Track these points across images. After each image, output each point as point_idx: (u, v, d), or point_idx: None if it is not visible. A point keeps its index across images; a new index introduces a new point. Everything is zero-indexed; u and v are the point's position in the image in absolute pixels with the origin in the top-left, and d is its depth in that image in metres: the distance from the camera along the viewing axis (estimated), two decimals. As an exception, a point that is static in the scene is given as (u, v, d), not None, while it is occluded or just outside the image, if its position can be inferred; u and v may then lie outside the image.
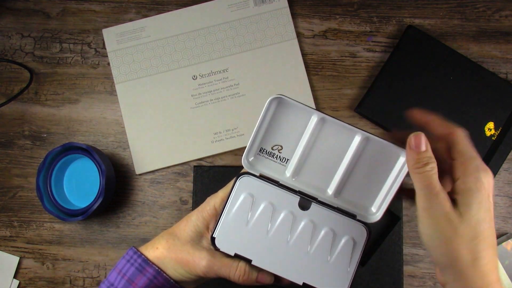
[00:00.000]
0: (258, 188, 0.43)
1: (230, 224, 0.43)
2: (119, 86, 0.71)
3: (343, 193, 0.44)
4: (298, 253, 0.43)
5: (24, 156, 0.71)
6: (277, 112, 0.42)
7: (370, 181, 0.44)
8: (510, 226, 0.68)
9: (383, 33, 0.72)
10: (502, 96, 0.68)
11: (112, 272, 0.46)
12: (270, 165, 0.44)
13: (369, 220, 0.44)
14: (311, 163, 0.44)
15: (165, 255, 0.45)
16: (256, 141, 0.43)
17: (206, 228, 0.45)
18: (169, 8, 0.73)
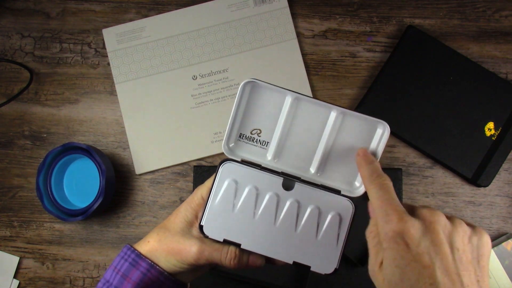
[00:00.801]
0: (241, 173, 0.44)
1: (217, 211, 0.43)
2: (119, 86, 0.71)
3: (326, 170, 0.45)
4: (286, 233, 0.43)
5: (24, 156, 0.71)
6: (252, 96, 0.43)
7: (351, 155, 0.44)
8: (510, 226, 0.68)
9: (383, 33, 0.72)
10: (502, 96, 0.68)
11: (108, 269, 0.46)
12: (251, 150, 0.45)
13: (353, 194, 0.44)
14: (291, 143, 0.44)
15: (156, 248, 0.45)
16: (235, 127, 0.44)
17: (195, 218, 0.45)
18: (169, 8, 0.73)
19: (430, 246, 0.33)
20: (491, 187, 0.68)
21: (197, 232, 0.45)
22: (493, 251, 0.64)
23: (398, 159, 0.69)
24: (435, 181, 0.69)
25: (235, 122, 0.44)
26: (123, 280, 0.45)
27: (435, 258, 0.33)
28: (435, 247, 0.33)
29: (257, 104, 0.43)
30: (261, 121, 0.44)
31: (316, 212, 0.43)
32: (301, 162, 0.45)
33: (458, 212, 0.68)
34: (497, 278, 0.64)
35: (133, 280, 0.44)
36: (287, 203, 0.43)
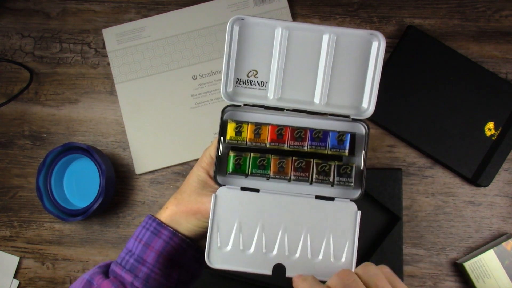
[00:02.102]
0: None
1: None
2: (119, 86, 0.71)
3: (330, 98, 0.43)
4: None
5: (24, 156, 0.71)
6: (242, 36, 0.42)
7: (352, 78, 0.43)
8: (510, 226, 0.68)
9: (383, 33, 0.71)
10: (502, 96, 0.68)
11: (130, 239, 0.47)
12: (251, 93, 0.43)
13: (364, 117, 0.43)
14: (290, 77, 0.43)
15: (175, 212, 0.46)
16: (230, 73, 0.42)
17: (208, 175, 0.45)
18: (169, 8, 0.73)
19: None
20: (491, 187, 0.68)
21: (212, 189, 0.45)
22: (493, 251, 0.64)
23: (398, 159, 0.69)
24: (435, 181, 0.69)
25: (230, 67, 0.42)
26: (145, 249, 0.45)
27: None
28: None
29: (248, 44, 0.42)
30: (255, 61, 0.43)
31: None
32: (304, 95, 0.43)
33: (458, 212, 0.68)
34: (497, 278, 0.64)
35: (156, 249, 0.45)
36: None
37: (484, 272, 0.64)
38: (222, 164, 0.43)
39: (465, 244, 0.68)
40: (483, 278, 0.64)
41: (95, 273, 0.45)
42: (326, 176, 0.42)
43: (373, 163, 0.69)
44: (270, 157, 0.42)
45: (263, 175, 0.42)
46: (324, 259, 0.41)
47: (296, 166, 0.42)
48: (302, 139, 0.42)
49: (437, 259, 0.68)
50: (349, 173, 0.42)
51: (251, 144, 0.42)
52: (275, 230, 0.41)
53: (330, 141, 0.42)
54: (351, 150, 0.43)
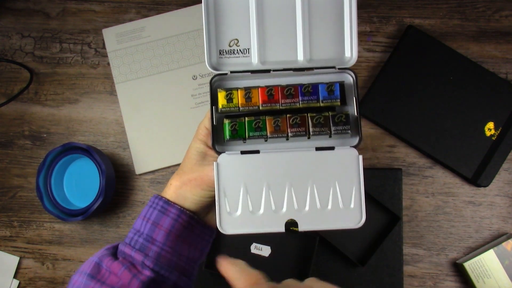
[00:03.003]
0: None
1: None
2: (119, 86, 0.71)
3: (313, 54, 0.44)
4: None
5: (24, 156, 0.71)
6: (218, 6, 0.43)
7: (330, 28, 0.44)
8: (510, 226, 0.68)
9: (383, 33, 0.72)
10: (502, 96, 0.68)
11: (137, 220, 0.46)
12: (236, 62, 0.44)
13: (349, 65, 0.44)
14: (271, 40, 0.44)
15: (180, 186, 0.46)
16: (212, 44, 0.43)
17: (206, 146, 0.46)
18: (169, 8, 0.73)
19: None
20: (491, 187, 0.68)
21: (212, 159, 0.45)
22: (493, 251, 0.64)
23: (398, 159, 0.69)
24: (435, 181, 0.69)
25: (210, 39, 0.43)
26: (154, 228, 0.45)
27: None
28: None
29: (225, 14, 0.43)
30: (234, 30, 0.43)
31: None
32: (287, 55, 0.44)
33: (458, 212, 0.68)
34: (497, 278, 0.64)
35: (165, 227, 0.44)
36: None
37: (484, 272, 0.64)
38: (219, 133, 0.43)
39: (465, 244, 0.68)
40: (483, 278, 0.64)
41: (104, 255, 0.45)
42: (323, 127, 0.43)
43: (373, 163, 0.69)
44: (265, 118, 0.43)
45: (261, 137, 0.43)
46: (334, 208, 0.42)
47: (292, 122, 0.43)
48: (293, 95, 0.43)
49: (437, 259, 0.68)
50: (344, 121, 0.43)
51: (244, 109, 0.43)
52: (281, 187, 0.42)
53: (321, 93, 0.43)
54: (342, 100, 0.43)
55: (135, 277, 0.43)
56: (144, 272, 0.43)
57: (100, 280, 0.43)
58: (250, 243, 0.66)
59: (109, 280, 0.43)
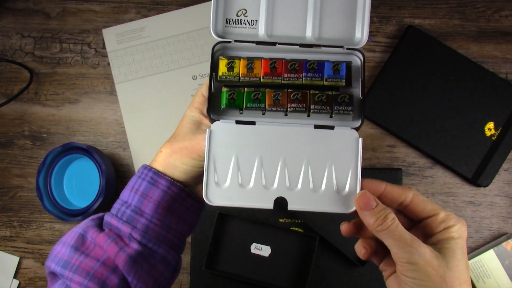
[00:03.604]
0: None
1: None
2: (119, 86, 0.71)
3: (322, 31, 0.42)
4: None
5: (24, 156, 0.71)
6: None
7: (342, 7, 0.42)
8: (510, 226, 0.68)
9: (383, 33, 0.72)
10: (502, 96, 0.68)
11: (124, 191, 0.44)
12: (241, 32, 0.42)
13: (358, 46, 0.42)
14: (280, 13, 0.42)
15: (170, 154, 0.44)
16: (219, 11, 0.42)
17: (202, 115, 0.44)
18: (169, 8, 0.73)
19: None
20: (491, 187, 0.68)
21: (206, 127, 0.42)
22: (493, 251, 0.64)
23: (398, 159, 0.69)
24: (435, 181, 0.69)
25: (218, 6, 0.42)
26: (143, 199, 0.43)
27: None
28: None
29: None
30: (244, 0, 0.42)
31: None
32: (296, 29, 0.42)
33: (458, 212, 0.68)
34: (497, 278, 0.64)
35: (154, 199, 0.43)
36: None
37: (484, 272, 0.64)
38: (215, 101, 0.42)
39: (465, 244, 0.68)
40: (483, 278, 0.64)
41: (89, 226, 0.43)
42: (324, 105, 0.41)
43: (373, 163, 0.69)
44: (265, 90, 0.41)
45: (259, 109, 0.41)
46: (327, 189, 0.40)
47: (292, 98, 0.41)
48: (297, 71, 0.41)
49: (437, 259, 0.68)
50: (347, 101, 0.41)
51: (244, 79, 0.41)
52: (274, 163, 0.40)
53: (326, 71, 0.41)
54: (347, 81, 0.41)
55: (122, 250, 0.41)
56: (131, 245, 0.41)
57: (84, 252, 0.41)
58: (250, 243, 0.66)
59: (93, 253, 0.41)
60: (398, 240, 0.35)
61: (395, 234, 0.35)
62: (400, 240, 0.35)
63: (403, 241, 0.35)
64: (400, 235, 0.35)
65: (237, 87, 0.41)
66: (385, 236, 0.36)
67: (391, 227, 0.36)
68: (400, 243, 0.35)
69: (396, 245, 0.35)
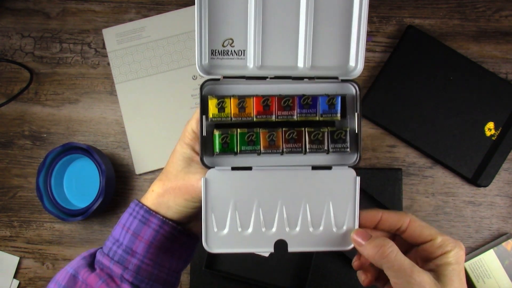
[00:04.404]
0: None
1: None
2: (119, 86, 0.71)
3: (315, 61, 0.40)
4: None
5: (24, 156, 0.71)
6: (212, 1, 0.38)
7: (336, 35, 0.40)
8: (510, 226, 0.68)
9: (383, 33, 0.72)
10: (502, 96, 0.68)
11: (115, 227, 0.44)
12: (229, 64, 0.40)
13: (352, 76, 0.40)
14: (269, 42, 0.40)
15: (162, 193, 0.43)
16: (204, 43, 0.39)
17: (193, 151, 0.42)
18: (169, 8, 0.73)
19: None
20: (491, 187, 0.68)
21: (199, 166, 0.41)
22: (493, 251, 0.64)
23: (398, 159, 0.69)
24: (435, 181, 0.69)
25: (202, 37, 0.39)
26: (134, 239, 0.42)
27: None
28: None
29: (220, 10, 0.39)
30: (230, 28, 0.39)
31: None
32: (286, 60, 0.40)
33: (458, 212, 0.68)
34: (497, 278, 0.64)
35: (146, 239, 0.42)
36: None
37: (484, 272, 0.64)
38: (208, 143, 0.40)
39: (465, 244, 0.68)
40: (483, 278, 0.64)
41: (80, 266, 0.42)
42: (320, 144, 0.40)
43: (373, 163, 0.69)
44: (259, 131, 0.39)
45: (254, 151, 0.40)
46: (326, 229, 0.40)
47: (287, 137, 0.40)
48: (291, 107, 0.39)
49: (437, 259, 0.68)
50: (343, 138, 0.40)
51: (236, 119, 0.39)
52: (272, 206, 0.40)
53: (321, 106, 0.40)
54: (343, 113, 0.40)
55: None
56: (123, 286, 0.41)
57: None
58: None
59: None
60: (397, 270, 0.36)
61: (394, 264, 0.36)
62: (399, 270, 0.36)
63: (402, 271, 0.36)
64: (399, 264, 0.36)
65: (229, 126, 0.40)
66: (385, 266, 0.36)
67: (389, 256, 0.36)
68: (399, 273, 0.36)
69: (396, 275, 0.36)
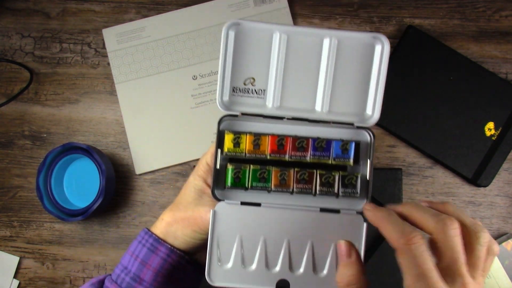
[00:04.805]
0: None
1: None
2: (119, 86, 0.71)
3: (332, 106, 0.41)
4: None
5: (24, 156, 0.71)
6: (238, 41, 0.40)
7: (355, 83, 0.41)
8: (510, 226, 0.68)
9: (383, 33, 0.71)
10: (502, 96, 0.68)
11: (125, 255, 0.45)
12: (248, 102, 0.41)
13: (368, 124, 0.41)
14: (289, 84, 0.41)
15: (171, 223, 0.44)
16: (226, 80, 0.40)
17: (205, 184, 0.44)
18: (169, 8, 0.73)
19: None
20: (491, 187, 0.68)
21: (209, 198, 0.43)
22: (493, 251, 0.64)
23: (398, 159, 0.69)
24: (435, 181, 0.69)
25: (225, 75, 0.40)
26: (142, 267, 0.43)
27: None
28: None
29: (244, 50, 0.40)
30: (252, 68, 0.41)
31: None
32: (305, 103, 0.41)
33: (458, 212, 0.68)
34: (497, 278, 0.64)
35: (154, 267, 0.43)
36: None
37: (484, 272, 0.64)
38: (220, 176, 0.41)
39: (465, 244, 0.68)
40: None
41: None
42: (331, 187, 0.41)
43: (373, 163, 0.69)
44: (271, 169, 0.41)
45: (264, 188, 0.41)
46: (329, 273, 0.40)
47: (299, 177, 0.41)
48: (304, 149, 0.41)
49: (437, 259, 0.68)
50: (354, 183, 0.41)
51: (250, 156, 0.41)
52: (278, 245, 0.40)
53: (334, 150, 0.41)
54: (355, 159, 0.41)
55: None
56: None
57: None
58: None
59: None
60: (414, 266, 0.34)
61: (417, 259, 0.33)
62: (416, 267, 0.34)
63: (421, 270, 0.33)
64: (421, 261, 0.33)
65: (242, 162, 0.41)
66: (404, 258, 0.35)
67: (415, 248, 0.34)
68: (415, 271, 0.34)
69: (410, 272, 0.34)
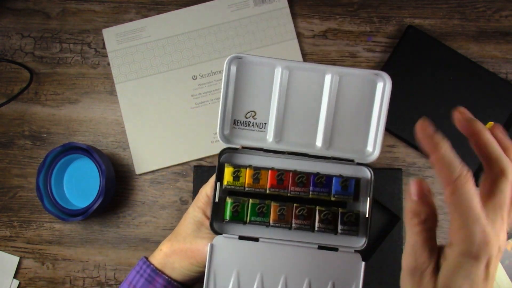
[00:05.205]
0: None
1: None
2: (119, 86, 0.71)
3: (333, 141, 0.41)
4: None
5: (24, 156, 0.71)
6: (239, 75, 0.40)
7: (356, 120, 0.41)
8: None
9: (383, 33, 0.72)
10: (502, 96, 0.68)
11: (123, 284, 0.45)
12: (249, 135, 0.41)
13: (368, 161, 0.42)
14: (291, 119, 0.41)
15: (169, 254, 0.44)
16: (227, 113, 0.41)
17: (204, 216, 0.44)
18: (169, 8, 0.73)
19: None
20: (491, 187, 0.68)
21: (208, 231, 0.43)
22: (493, 251, 0.64)
23: (398, 159, 0.69)
24: (435, 181, 0.69)
25: (226, 107, 0.40)
26: None
27: None
28: None
29: (246, 84, 0.40)
30: (254, 101, 0.41)
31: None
32: (306, 138, 0.41)
33: (458, 212, 0.68)
34: (497, 278, 0.64)
35: None
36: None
37: (484, 272, 0.64)
38: (219, 209, 0.41)
39: (465, 244, 0.68)
40: (483, 278, 0.64)
41: None
42: (330, 224, 0.40)
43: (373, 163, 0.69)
44: (270, 204, 0.40)
45: (263, 223, 0.40)
46: None
47: (298, 213, 0.40)
48: (304, 184, 0.41)
49: (437, 259, 0.68)
50: (353, 221, 0.40)
51: (250, 189, 0.40)
52: (275, 280, 0.40)
53: (334, 186, 0.41)
54: (355, 196, 0.41)
55: None
56: None
57: None
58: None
59: None
60: (412, 247, 0.31)
61: (416, 239, 0.31)
62: (414, 249, 0.31)
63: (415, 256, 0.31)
64: (418, 243, 0.31)
65: (242, 195, 0.41)
66: (408, 232, 0.31)
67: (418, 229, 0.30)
68: (412, 250, 0.31)
69: (409, 250, 0.32)
